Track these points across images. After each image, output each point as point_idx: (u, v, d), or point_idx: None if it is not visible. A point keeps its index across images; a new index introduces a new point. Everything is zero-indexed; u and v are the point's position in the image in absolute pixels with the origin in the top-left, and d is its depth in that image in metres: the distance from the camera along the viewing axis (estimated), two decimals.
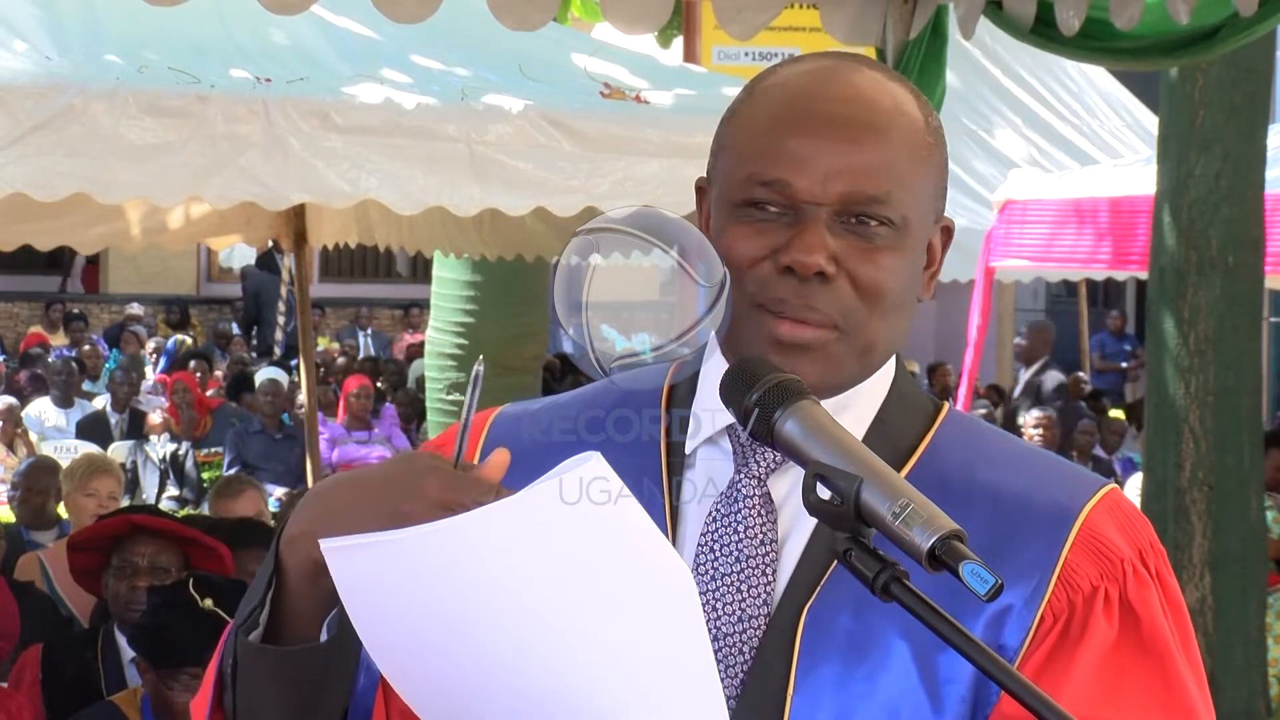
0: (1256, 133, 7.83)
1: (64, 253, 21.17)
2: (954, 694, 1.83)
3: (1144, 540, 1.92)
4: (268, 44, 6.48)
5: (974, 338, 10.86)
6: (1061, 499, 1.90)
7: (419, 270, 21.25)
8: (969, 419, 2.04)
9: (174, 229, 8.89)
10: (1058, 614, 1.85)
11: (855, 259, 1.87)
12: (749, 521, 1.90)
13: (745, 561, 1.89)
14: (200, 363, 17.10)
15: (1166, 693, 1.85)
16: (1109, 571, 1.87)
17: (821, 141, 1.88)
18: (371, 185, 6.08)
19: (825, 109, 1.90)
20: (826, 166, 1.87)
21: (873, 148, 1.88)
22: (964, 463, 1.93)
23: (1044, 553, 1.87)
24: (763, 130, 1.91)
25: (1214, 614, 7.60)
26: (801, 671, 1.84)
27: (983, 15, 5.52)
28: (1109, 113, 15.65)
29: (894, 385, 1.97)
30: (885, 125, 1.90)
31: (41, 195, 5.75)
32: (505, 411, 2.08)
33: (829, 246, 1.87)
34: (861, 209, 1.87)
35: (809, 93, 1.92)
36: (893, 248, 1.89)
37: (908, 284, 1.93)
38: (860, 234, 1.88)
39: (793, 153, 1.88)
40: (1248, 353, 7.80)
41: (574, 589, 1.62)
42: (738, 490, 1.91)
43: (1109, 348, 20.03)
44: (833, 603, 1.85)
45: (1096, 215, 10.86)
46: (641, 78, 6.81)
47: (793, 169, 1.87)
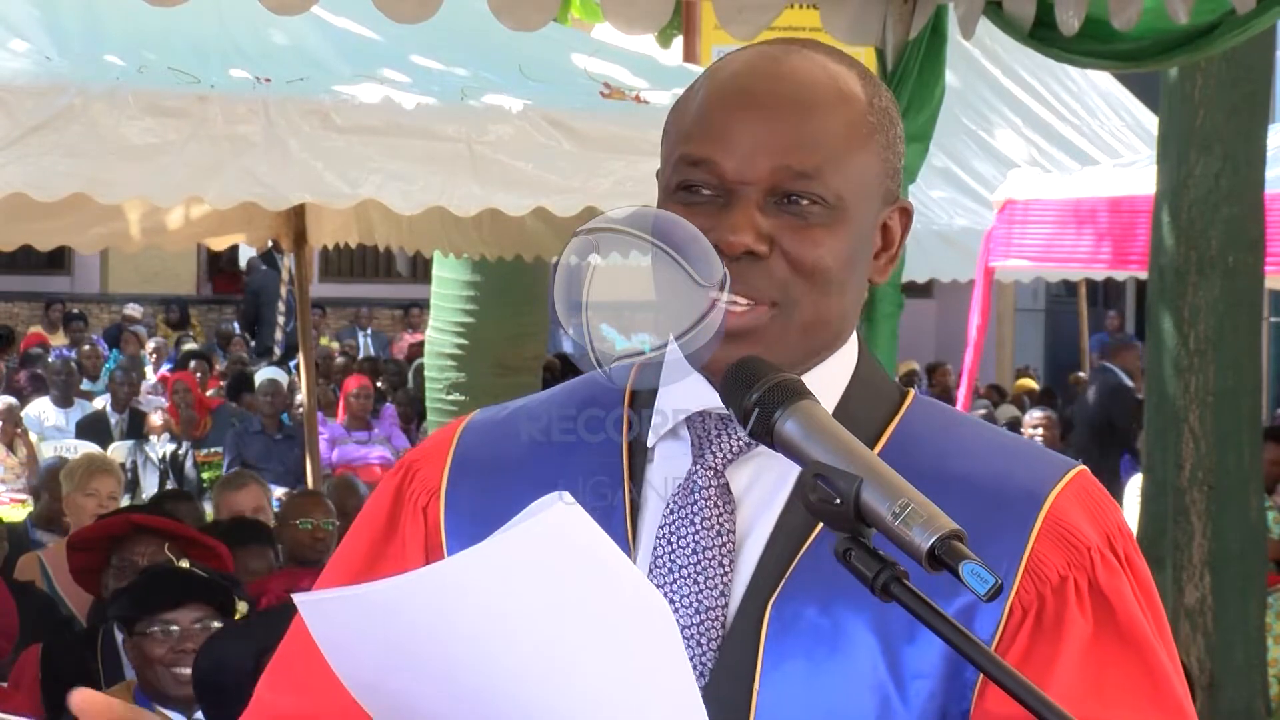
0: (1256, 132, 7.83)
1: (63, 252, 21.16)
2: (922, 689, 1.82)
3: (1111, 525, 1.89)
4: (268, 44, 6.48)
5: (974, 338, 10.86)
6: (1028, 485, 1.88)
7: (419, 270, 21.25)
8: (936, 405, 2.01)
9: (174, 229, 8.89)
10: (1027, 606, 1.84)
11: (789, 237, 1.85)
12: (705, 513, 1.88)
13: (702, 554, 1.87)
14: (200, 363, 17.11)
15: (1150, 683, 1.84)
16: (1076, 560, 1.85)
17: (748, 118, 1.86)
18: (372, 185, 6.09)
19: (755, 87, 1.89)
20: (752, 143, 1.85)
21: (800, 123, 1.86)
22: (932, 449, 1.91)
23: (1011, 543, 1.85)
24: (695, 112, 1.90)
25: (1214, 614, 7.60)
26: (768, 665, 1.82)
27: (982, 16, 5.52)
28: (1109, 113, 15.65)
29: (856, 371, 1.95)
30: (814, 101, 1.88)
31: (41, 195, 5.75)
32: (475, 419, 2.06)
33: (759, 225, 1.84)
34: (791, 186, 1.85)
35: (744, 74, 1.91)
36: (828, 225, 1.86)
37: (848, 263, 1.89)
38: (793, 212, 1.85)
39: (720, 132, 1.86)
40: (1247, 353, 7.81)
41: (548, 630, 1.60)
42: (694, 482, 1.89)
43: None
44: (799, 596, 1.84)
45: (1096, 215, 10.86)
46: (641, 78, 6.81)
47: (720, 148, 1.86)
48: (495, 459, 1.98)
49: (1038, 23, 5.55)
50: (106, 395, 14.73)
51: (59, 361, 15.43)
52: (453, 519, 1.98)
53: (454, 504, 1.98)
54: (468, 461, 1.99)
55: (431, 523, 1.99)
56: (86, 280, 24.41)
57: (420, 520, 2.00)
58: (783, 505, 1.88)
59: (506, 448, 1.99)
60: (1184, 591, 7.58)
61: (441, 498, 1.99)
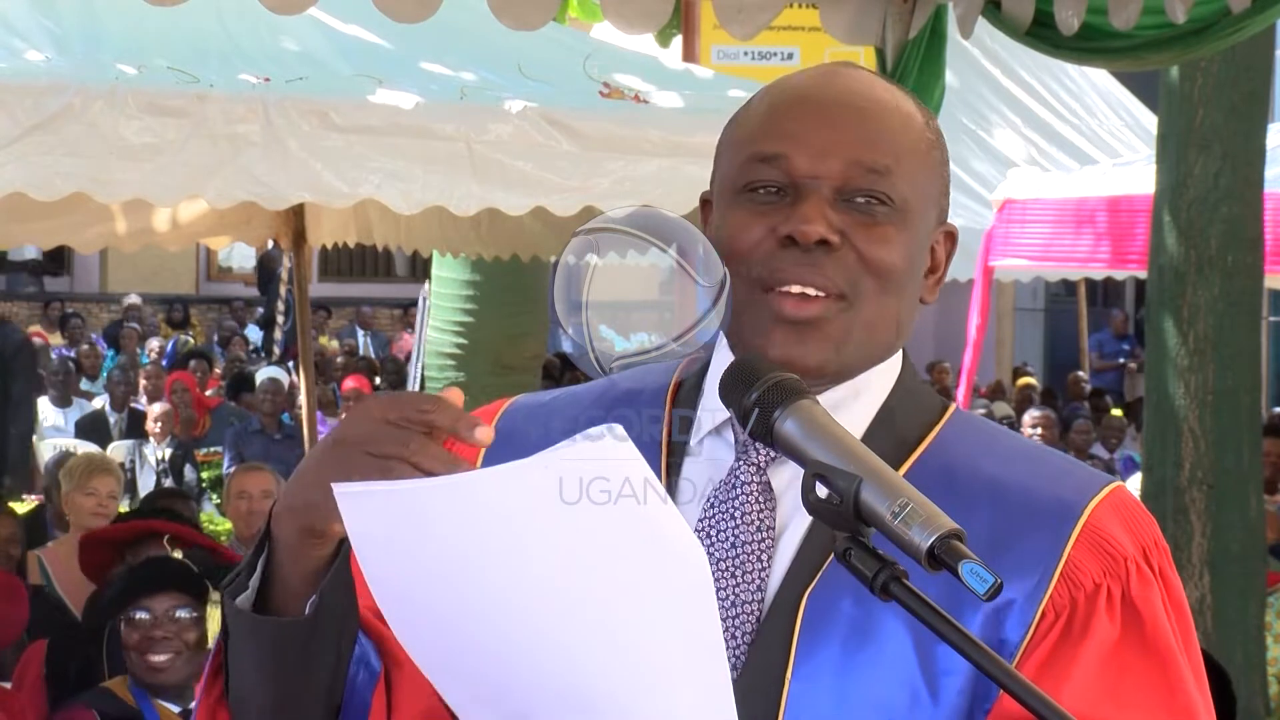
0: (1256, 132, 7.83)
1: (62, 251, 21.17)
2: (952, 686, 1.83)
3: (1148, 538, 1.91)
4: (267, 44, 6.48)
5: (973, 337, 10.87)
6: (1066, 495, 1.90)
7: (418, 270, 21.25)
8: (975, 417, 2.05)
9: (173, 229, 8.89)
10: (1059, 610, 1.85)
11: (859, 234, 1.88)
12: (746, 508, 1.90)
13: (741, 548, 1.89)
14: (200, 362, 17.09)
15: (1169, 694, 1.85)
16: (1112, 569, 1.87)
17: (820, 119, 1.90)
18: (371, 185, 6.08)
19: (824, 93, 1.93)
20: (824, 142, 1.89)
21: (871, 125, 1.91)
22: (969, 457, 1.93)
23: (1047, 548, 1.86)
24: (762, 119, 1.94)
25: (1213, 613, 7.60)
26: (800, 657, 1.84)
27: (981, 16, 5.52)
28: (1108, 112, 15.66)
29: (900, 378, 1.97)
30: (882, 108, 1.93)
31: (41, 195, 5.75)
32: (519, 402, 2.09)
33: (830, 219, 1.88)
34: (862, 183, 1.88)
35: (808, 84, 1.96)
36: (895, 224, 1.90)
37: (911, 267, 1.93)
38: (862, 210, 1.89)
39: (791, 131, 1.90)
40: (1247, 352, 7.80)
41: (586, 557, 1.61)
42: (736, 478, 1.91)
43: (1107, 347, 20.03)
44: (833, 589, 1.85)
45: (1096, 215, 10.87)
46: (641, 77, 6.81)
47: (791, 144, 1.89)
48: (536, 439, 1.96)
49: (1035, 24, 5.55)
50: (105, 395, 14.72)
51: (57, 361, 15.41)
52: None
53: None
54: (511, 435, 1.98)
55: None
56: (85, 280, 24.42)
57: None
58: None
59: (549, 430, 1.99)
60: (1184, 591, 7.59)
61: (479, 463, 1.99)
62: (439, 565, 1.65)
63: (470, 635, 1.68)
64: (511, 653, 1.67)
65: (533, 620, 1.64)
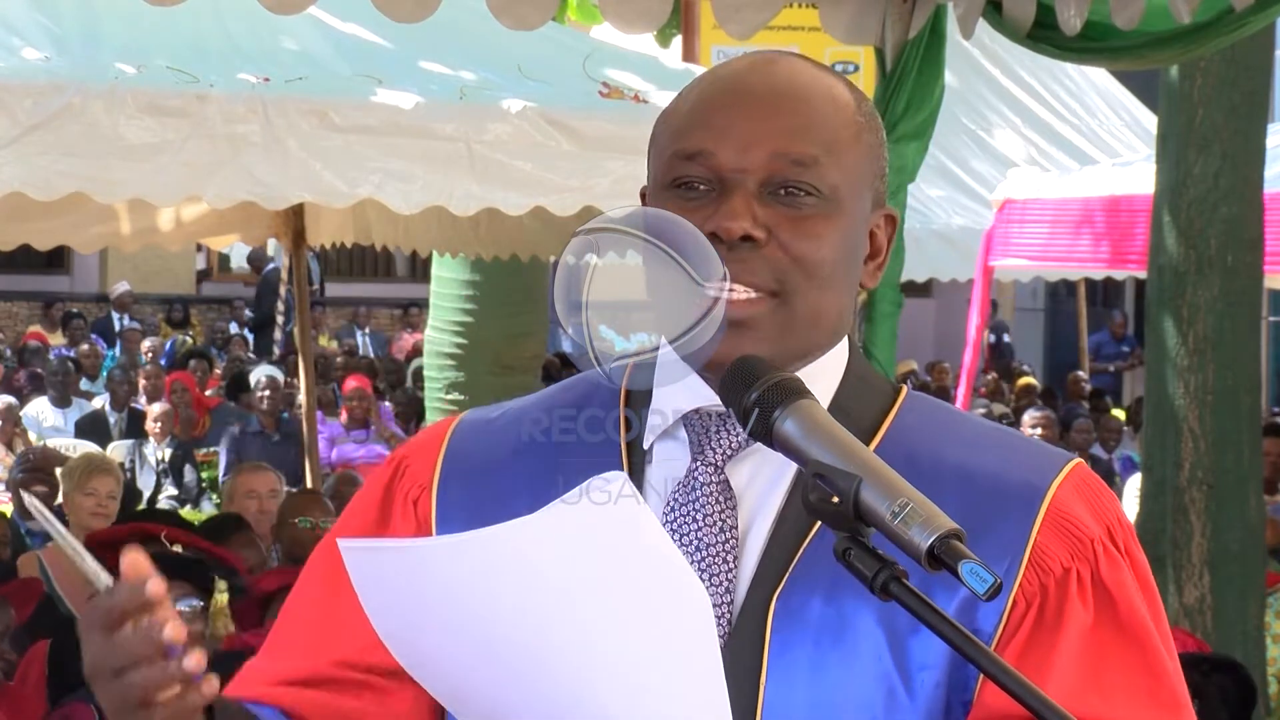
0: (1255, 132, 7.82)
1: (63, 251, 21.16)
2: (928, 680, 1.83)
3: (1111, 516, 1.90)
4: (266, 44, 6.48)
5: (973, 337, 10.86)
6: (1027, 477, 1.89)
7: (418, 270, 21.25)
8: (930, 400, 2.01)
9: (172, 228, 8.89)
10: (1030, 598, 1.84)
11: (785, 229, 1.86)
12: (707, 509, 1.88)
13: (706, 550, 1.87)
14: (200, 362, 17.08)
15: (1150, 675, 1.85)
16: (1079, 551, 1.86)
17: (743, 111, 1.88)
18: (370, 185, 6.09)
19: (749, 83, 1.91)
20: (748, 134, 1.87)
21: (795, 114, 1.88)
22: (930, 443, 1.91)
23: (1014, 535, 1.85)
24: (688, 113, 1.92)
25: (1213, 614, 7.59)
26: (774, 659, 1.83)
27: (982, 19, 5.52)
28: (1108, 112, 15.66)
29: (849, 367, 1.95)
30: (808, 96, 1.90)
31: (40, 194, 5.75)
32: (467, 418, 2.06)
33: (756, 214, 1.85)
34: (787, 176, 1.86)
35: (736, 74, 1.94)
36: (824, 216, 1.87)
37: (843, 257, 1.90)
38: (789, 204, 1.86)
39: (715, 125, 1.88)
40: (1247, 352, 7.80)
41: (588, 604, 1.62)
42: (694, 479, 1.89)
43: (1105, 349, 20.01)
44: (803, 589, 1.84)
45: (1095, 215, 10.86)
46: (641, 77, 6.81)
47: (715, 139, 1.87)
48: (488, 458, 1.98)
49: (1035, 25, 5.54)
50: (105, 395, 14.72)
51: (57, 361, 15.41)
52: (444, 515, 1.97)
53: (445, 500, 1.98)
54: (460, 458, 1.99)
55: (422, 517, 1.99)
56: (86, 280, 24.41)
57: (411, 514, 1.99)
58: (783, 500, 1.89)
59: (500, 447, 1.98)
60: (1183, 591, 7.58)
61: (433, 493, 1.99)
62: (445, 614, 1.68)
63: (480, 672, 1.70)
64: (522, 685, 1.69)
65: (536, 662, 1.66)
